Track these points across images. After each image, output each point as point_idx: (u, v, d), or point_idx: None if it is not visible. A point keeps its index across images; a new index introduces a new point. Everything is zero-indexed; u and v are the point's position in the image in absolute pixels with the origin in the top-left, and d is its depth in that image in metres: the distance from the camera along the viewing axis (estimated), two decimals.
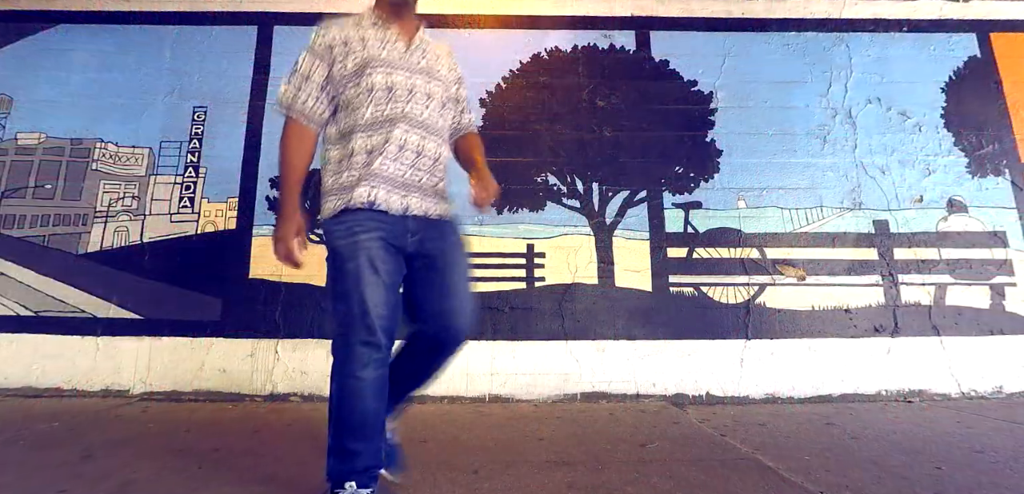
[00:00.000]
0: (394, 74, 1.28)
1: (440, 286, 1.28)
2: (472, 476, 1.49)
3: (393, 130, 1.25)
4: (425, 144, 1.30)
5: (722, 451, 1.78)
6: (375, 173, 1.22)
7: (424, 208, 1.29)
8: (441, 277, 1.28)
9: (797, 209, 2.93)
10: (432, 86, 1.35)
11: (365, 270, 1.16)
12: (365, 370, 1.14)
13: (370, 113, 1.26)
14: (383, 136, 1.24)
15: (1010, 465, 1.60)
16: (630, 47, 3.15)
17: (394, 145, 1.24)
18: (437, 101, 1.36)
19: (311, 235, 2.83)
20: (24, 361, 2.63)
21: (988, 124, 3.05)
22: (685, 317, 2.76)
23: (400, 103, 1.27)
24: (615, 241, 2.86)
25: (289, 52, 3.06)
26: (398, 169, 1.26)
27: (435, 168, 1.33)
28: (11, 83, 3.01)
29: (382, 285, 1.17)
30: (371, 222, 1.20)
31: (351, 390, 1.14)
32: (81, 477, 1.46)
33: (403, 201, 1.25)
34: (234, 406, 2.45)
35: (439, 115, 1.37)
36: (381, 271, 1.17)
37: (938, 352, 2.72)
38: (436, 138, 1.34)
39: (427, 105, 1.32)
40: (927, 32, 3.19)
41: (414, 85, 1.30)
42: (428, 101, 1.32)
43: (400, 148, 1.26)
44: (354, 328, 1.14)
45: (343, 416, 1.15)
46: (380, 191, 1.22)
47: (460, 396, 2.61)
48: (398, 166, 1.26)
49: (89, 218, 2.84)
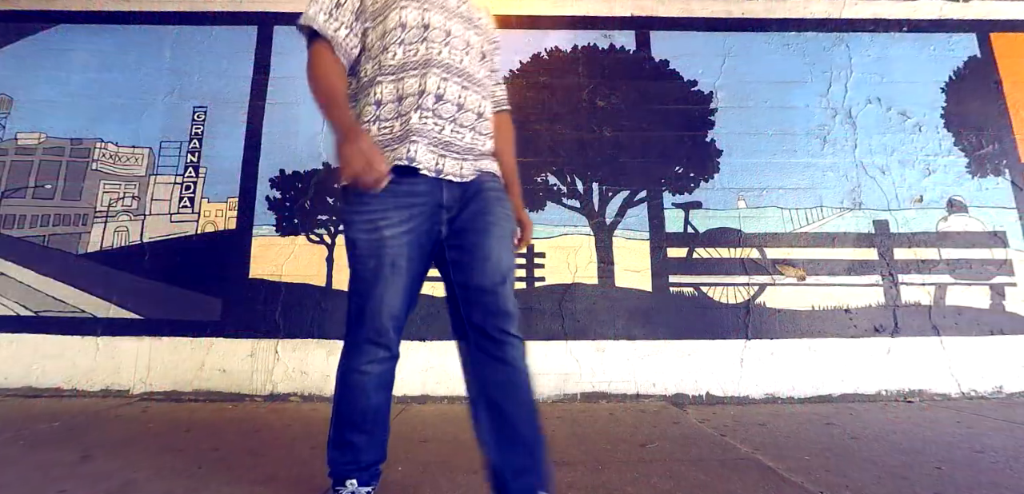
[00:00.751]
0: (431, 12, 1.12)
1: (473, 267, 1.07)
2: (472, 476, 1.49)
3: (428, 76, 1.07)
4: (466, 96, 1.12)
5: (722, 451, 1.78)
6: (412, 129, 1.05)
7: (461, 172, 1.11)
8: (473, 255, 1.08)
9: (797, 209, 2.93)
10: (471, 34, 1.18)
11: (386, 271, 1.05)
12: (370, 365, 1.10)
13: (400, 55, 1.09)
14: (417, 83, 1.07)
15: (1010, 465, 1.60)
16: (630, 47, 3.15)
17: (431, 94, 1.07)
18: (477, 51, 1.19)
19: (311, 235, 2.83)
20: (24, 361, 2.63)
21: (988, 124, 3.05)
22: (685, 317, 2.76)
23: (436, 45, 1.10)
24: (615, 241, 2.86)
25: (289, 52, 3.06)
26: (435, 124, 1.07)
27: (479, 125, 1.15)
28: (11, 83, 3.01)
29: (401, 285, 1.07)
30: (397, 212, 1.05)
31: (354, 384, 1.11)
32: (81, 477, 1.45)
33: (437, 162, 1.07)
34: (234, 406, 2.45)
35: (480, 66, 1.19)
36: (403, 269, 1.07)
37: (938, 352, 2.72)
38: (478, 90, 1.16)
39: (466, 52, 1.15)
40: (927, 32, 3.19)
41: (452, 28, 1.14)
42: (467, 48, 1.16)
43: (438, 98, 1.07)
44: (364, 324, 1.08)
45: (344, 409, 1.12)
46: (420, 148, 1.05)
47: (460, 396, 2.61)
48: (436, 121, 1.08)
49: (89, 218, 2.84)
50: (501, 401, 1.06)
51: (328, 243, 2.82)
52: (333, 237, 2.83)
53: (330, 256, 2.80)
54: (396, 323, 1.10)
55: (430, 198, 1.08)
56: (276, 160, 2.91)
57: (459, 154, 1.11)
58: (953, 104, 3.08)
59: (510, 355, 1.06)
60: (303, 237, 2.82)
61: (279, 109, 2.98)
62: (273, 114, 2.98)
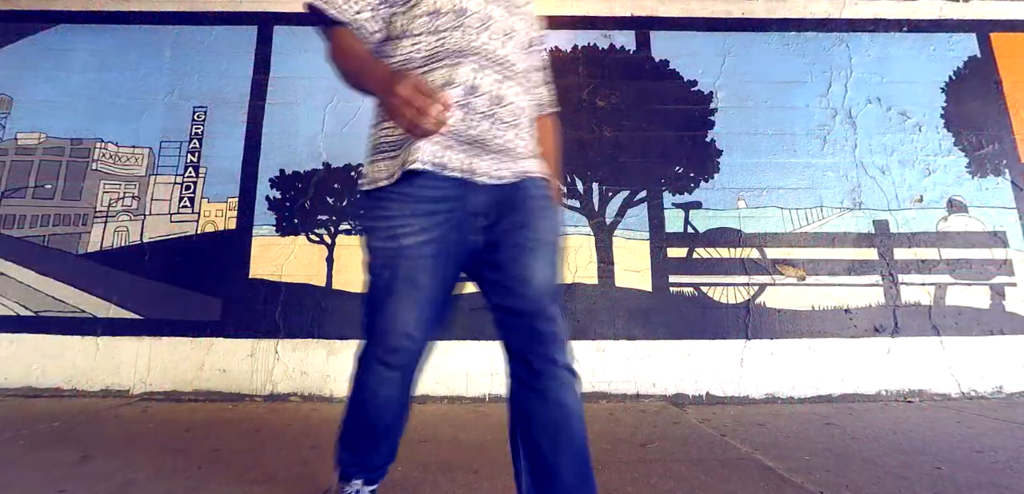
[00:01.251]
0: None
1: (512, 288, 0.95)
2: (472, 476, 1.49)
3: (459, 67, 0.95)
4: (505, 90, 0.99)
5: (722, 451, 1.78)
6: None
7: (497, 173, 0.97)
8: (512, 275, 0.95)
9: (797, 209, 2.92)
10: (513, 21, 1.05)
11: (399, 284, 0.93)
12: (382, 388, 1.00)
13: (432, 44, 0.97)
14: (446, 74, 0.95)
15: (1010, 465, 1.60)
16: (630, 47, 3.15)
17: (462, 86, 0.94)
18: (518, 41, 1.05)
19: (311, 235, 2.83)
20: (24, 361, 2.63)
21: (988, 124, 3.05)
22: (685, 317, 2.76)
23: (472, 31, 0.97)
24: (615, 241, 2.86)
25: (289, 52, 3.06)
26: (469, 121, 0.95)
27: (519, 124, 1.02)
28: (11, 83, 3.01)
29: (418, 299, 0.94)
30: (418, 219, 0.93)
31: (366, 401, 1.03)
32: (81, 477, 1.45)
33: (467, 163, 0.95)
34: (234, 406, 2.45)
35: (522, 57, 1.07)
36: (422, 284, 0.94)
37: (938, 352, 2.72)
38: (519, 83, 1.03)
39: (506, 41, 1.01)
40: (927, 32, 3.19)
41: (492, 13, 1.01)
42: (508, 35, 1.02)
43: (470, 91, 0.95)
44: (375, 342, 0.98)
45: (357, 417, 1.06)
46: (436, 150, 0.93)
47: (460, 396, 2.61)
48: (470, 118, 0.95)
49: (89, 218, 2.84)
50: (542, 444, 0.91)
51: (328, 243, 2.82)
52: (333, 237, 2.83)
53: (330, 256, 2.80)
54: (412, 342, 0.97)
55: (459, 204, 0.95)
56: (276, 160, 2.91)
57: (495, 154, 0.97)
58: (953, 104, 3.08)
59: (554, 390, 0.92)
60: (303, 237, 2.82)
61: (279, 109, 2.98)
62: (273, 114, 2.98)
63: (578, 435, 0.92)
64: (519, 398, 0.96)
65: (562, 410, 0.92)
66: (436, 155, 0.93)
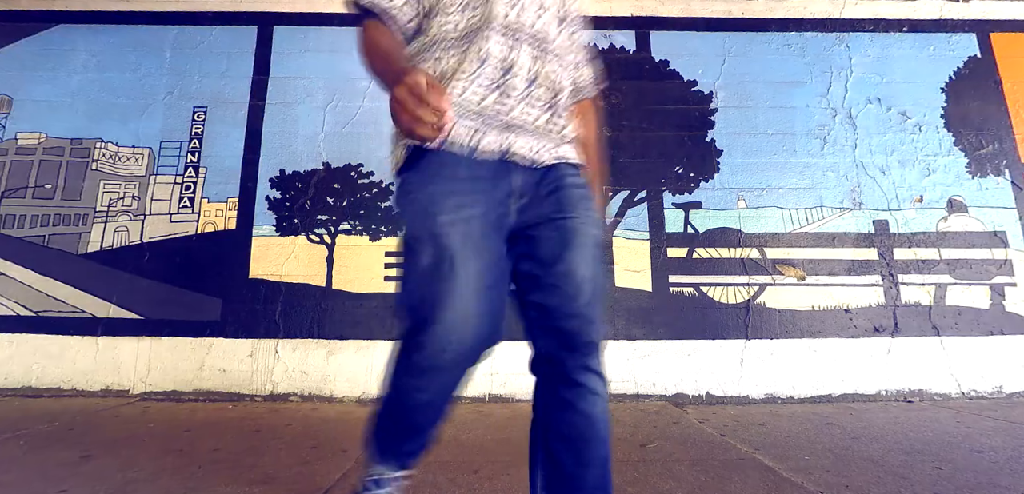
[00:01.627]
0: None
1: (548, 284, 0.86)
2: (472, 476, 1.49)
3: (489, 42, 0.87)
4: (541, 67, 0.92)
5: (722, 451, 1.78)
6: (457, 104, 0.85)
7: (535, 154, 0.89)
8: (548, 268, 0.86)
9: (797, 209, 2.92)
10: None
11: (445, 267, 0.80)
12: (422, 392, 0.87)
13: (463, 21, 0.91)
14: (475, 51, 0.88)
15: (1010, 465, 1.60)
16: (630, 47, 3.15)
17: (492, 64, 0.87)
18: (553, 14, 0.97)
19: (311, 235, 2.83)
20: (24, 361, 2.63)
21: (988, 124, 3.05)
22: (685, 317, 2.76)
23: (502, 5, 0.90)
24: (615, 241, 2.86)
25: (289, 52, 3.06)
26: (501, 101, 0.88)
27: (557, 104, 0.94)
28: (11, 83, 3.01)
29: (461, 290, 0.80)
30: (455, 198, 0.83)
31: (399, 402, 0.91)
32: (81, 477, 1.45)
33: (502, 141, 0.87)
34: (234, 406, 2.45)
35: (558, 32, 0.98)
36: (461, 272, 0.80)
37: (938, 352, 2.72)
38: (556, 60, 0.95)
39: (540, 14, 0.94)
40: (927, 32, 3.19)
41: None
42: (541, 11, 0.95)
43: (502, 69, 0.88)
44: (412, 340, 0.84)
45: (393, 414, 0.94)
46: (466, 132, 0.86)
47: (460, 396, 2.61)
48: (502, 96, 0.88)
49: (89, 218, 2.84)
50: (563, 454, 0.86)
51: (328, 243, 2.82)
52: (333, 237, 2.83)
53: (330, 256, 2.80)
54: (462, 347, 0.82)
55: (494, 183, 0.86)
56: (276, 160, 2.91)
57: (532, 135, 0.90)
58: (953, 104, 3.08)
59: (583, 399, 0.85)
60: (303, 237, 2.82)
61: (279, 109, 2.98)
62: (273, 114, 2.98)
63: (603, 447, 0.87)
64: (542, 402, 0.90)
65: (590, 421, 0.85)
66: (468, 137, 0.86)
